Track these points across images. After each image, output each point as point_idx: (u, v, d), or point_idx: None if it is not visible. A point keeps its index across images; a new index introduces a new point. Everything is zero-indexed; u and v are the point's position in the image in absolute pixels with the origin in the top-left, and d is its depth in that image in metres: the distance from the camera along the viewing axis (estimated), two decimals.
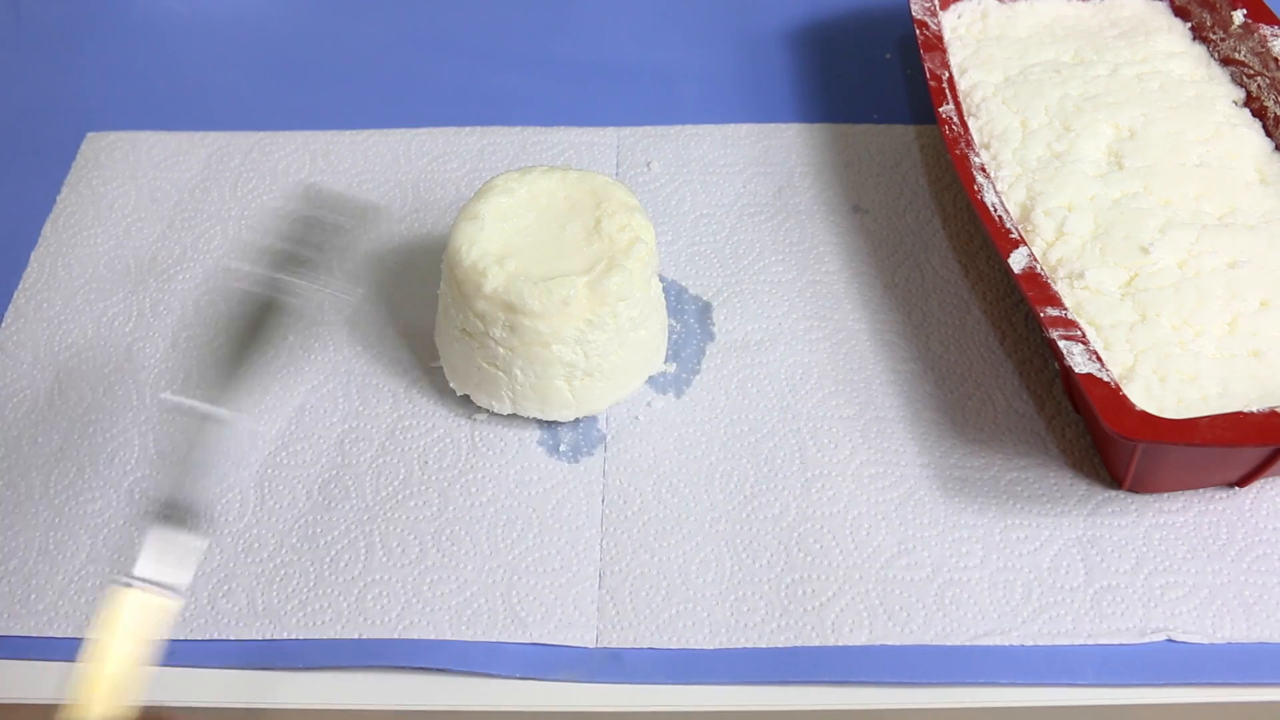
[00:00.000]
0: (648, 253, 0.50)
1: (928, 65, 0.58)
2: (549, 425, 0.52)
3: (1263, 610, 0.46)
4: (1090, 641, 0.45)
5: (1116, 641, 0.45)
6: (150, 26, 0.73)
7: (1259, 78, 0.59)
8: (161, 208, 0.62)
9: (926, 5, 0.61)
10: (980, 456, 0.51)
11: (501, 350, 0.49)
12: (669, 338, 0.55)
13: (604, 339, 0.49)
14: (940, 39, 0.60)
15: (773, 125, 0.66)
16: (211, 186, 0.63)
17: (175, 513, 0.39)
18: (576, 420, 0.52)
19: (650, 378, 0.54)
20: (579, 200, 0.51)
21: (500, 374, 0.50)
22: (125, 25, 0.74)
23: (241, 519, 0.49)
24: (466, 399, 0.53)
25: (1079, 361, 0.45)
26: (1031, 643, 0.45)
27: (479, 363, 0.50)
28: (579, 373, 0.49)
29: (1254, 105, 0.59)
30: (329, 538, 0.49)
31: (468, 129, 0.65)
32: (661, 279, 0.58)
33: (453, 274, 0.49)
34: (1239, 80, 0.60)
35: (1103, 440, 0.49)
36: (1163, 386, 0.47)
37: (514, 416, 0.52)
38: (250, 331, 0.43)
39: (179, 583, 0.38)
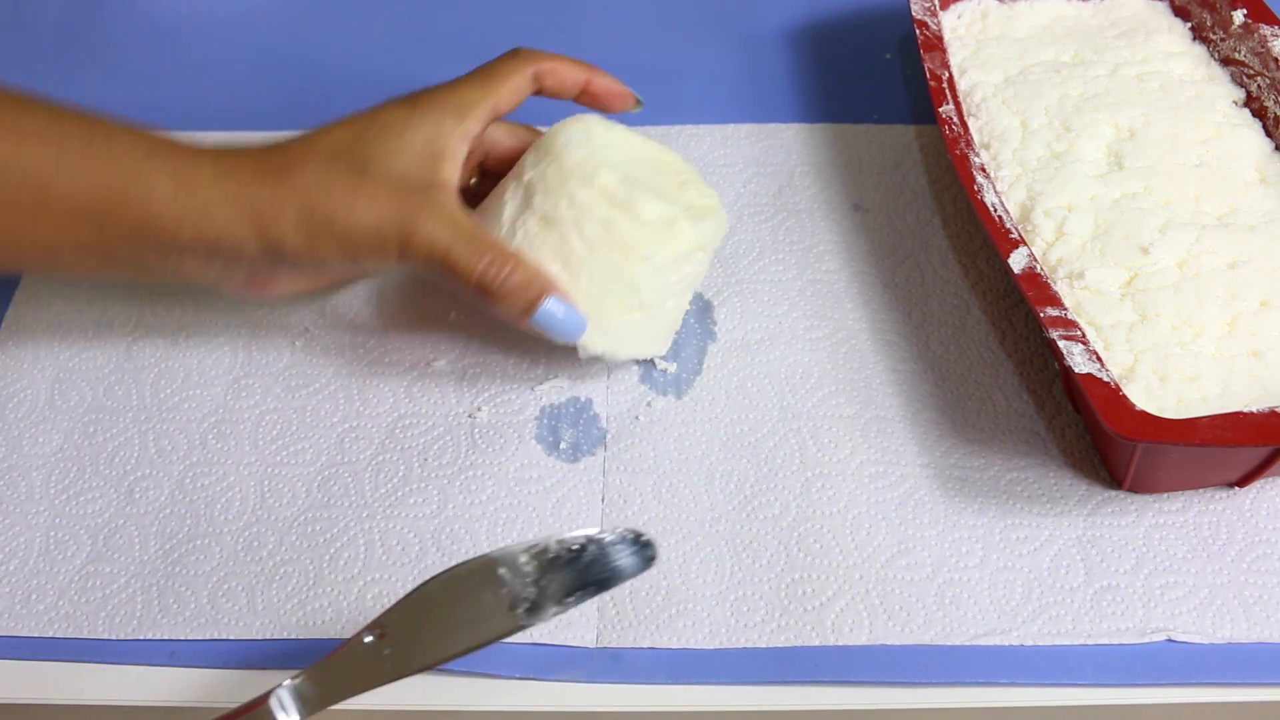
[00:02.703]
0: (720, 227, 0.52)
1: (927, 65, 0.58)
2: (549, 424, 0.52)
3: (1263, 610, 0.46)
4: (1090, 641, 0.45)
5: (1116, 641, 0.45)
6: (151, 27, 0.73)
7: (1259, 78, 0.59)
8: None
9: (926, 5, 0.61)
10: (980, 456, 0.51)
11: (580, 249, 0.48)
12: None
13: (671, 281, 0.50)
14: (940, 39, 0.60)
15: (773, 125, 0.66)
16: None
17: None
18: (578, 419, 0.52)
19: (651, 378, 0.54)
20: (661, 164, 0.52)
21: (564, 273, 0.48)
22: (126, 25, 0.74)
23: (241, 517, 0.49)
24: (467, 397, 0.53)
25: (1079, 361, 0.45)
26: (1031, 642, 0.45)
27: (547, 257, 0.48)
28: (634, 303, 0.49)
29: (1254, 105, 0.59)
30: (329, 535, 0.49)
31: None
32: None
33: (559, 156, 0.49)
34: (1239, 80, 0.60)
35: (1103, 440, 0.49)
36: (1163, 386, 0.47)
37: (515, 409, 0.52)
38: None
39: None
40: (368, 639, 0.41)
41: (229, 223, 0.45)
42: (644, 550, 0.42)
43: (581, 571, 0.41)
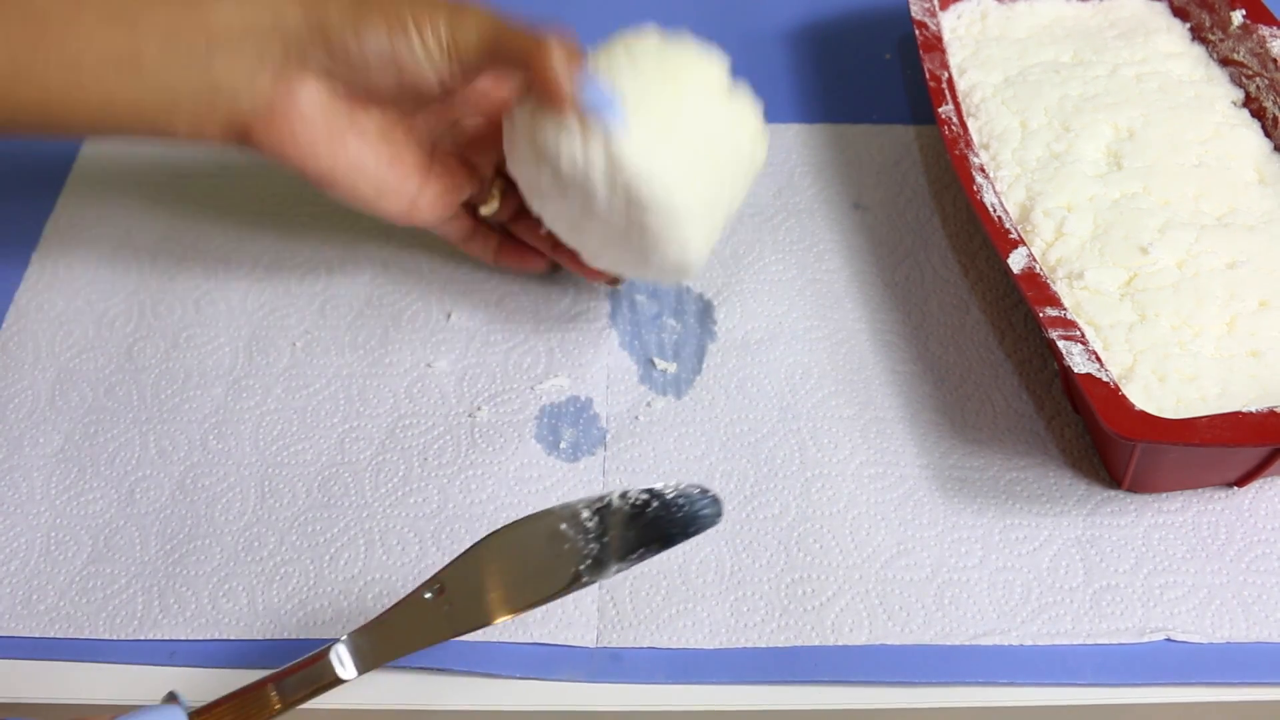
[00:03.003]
0: (760, 144, 0.50)
1: (927, 65, 0.58)
2: (549, 424, 0.52)
3: (1261, 610, 0.46)
4: (1089, 641, 0.45)
5: (1116, 641, 0.45)
6: None
7: (1258, 78, 0.59)
8: (163, 208, 0.62)
9: (926, 6, 0.61)
10: (980, 456, 0.51)
11: (623, 62, 0.47)
12: (669, 337, 0.55)
13: (717, 139, 0.48)
14: (940, 39, 0.60)
15: (773, 125, 0.65)
16: (213, 186, 0.63)
17: None
18: (578, 418, 0.52)
19: (651, 378, 0.54)
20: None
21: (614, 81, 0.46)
22: None
23: (242, 517, 0.49)
24: (467, 397, 0.53)
25: (1078, 361, 0.45)
26: (1031, 642, 0.45)
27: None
28: (680, 125, 0.47)
29: (1253, 106, 0.59)
30: (329, 535, 0.49)
31: None
32: None
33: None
34: (1238, 81, 0.60)
35: (1102, 440, 0.49)
36: (1162, 386, 0.47)
37: (515, 409, 0.52)
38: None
39: None
40: (427, 595, 0.40)
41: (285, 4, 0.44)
42: (711, 505, 0.41)
43: (645, 528, 0.40)
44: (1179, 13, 0.65)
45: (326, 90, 0.47)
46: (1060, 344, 0.46)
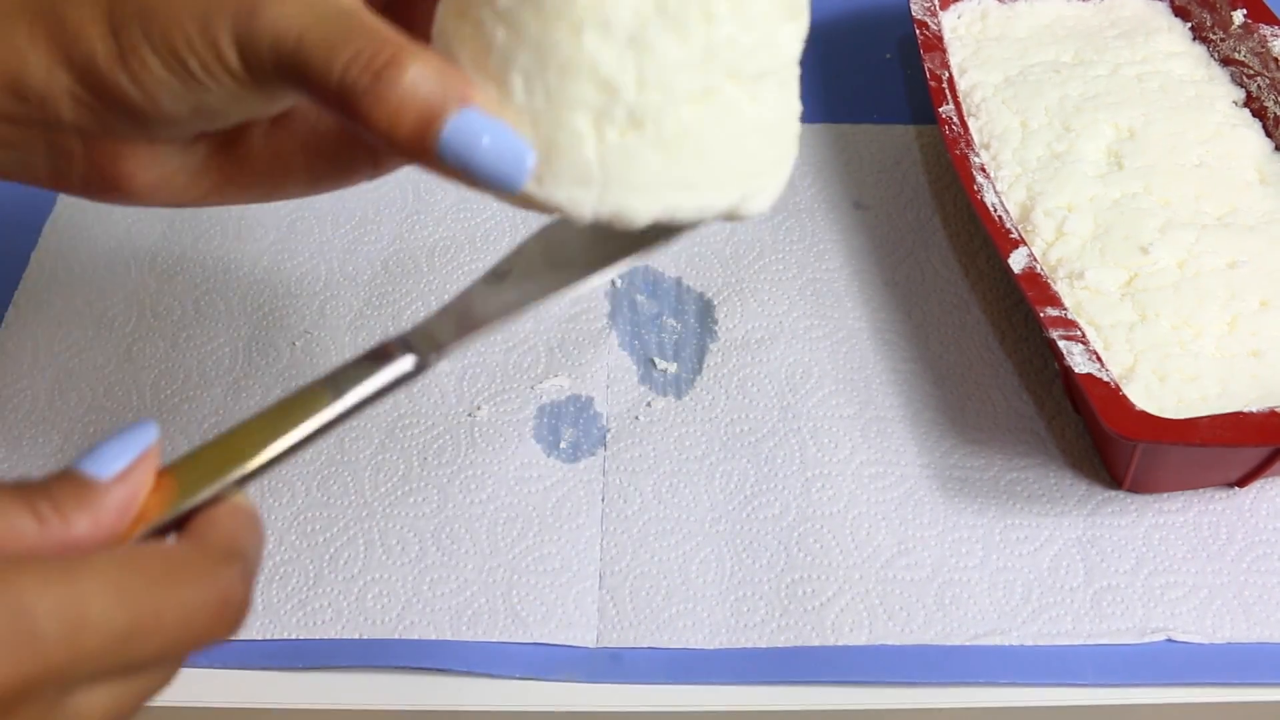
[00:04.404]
0: None
1: (928, 65, 0.58)
2: (549, 424, 0.52)
3: (1262, 610, 0.46)
4: (1090, 641, 0.45)
5: (1116, 641, 0.45)
6: None
7: (1259, 78, 0.59)
8: (162, 208, 0.62)
9: (926, 5, 0.61)
10: (980, 456, 0.51)
11: (501, 32, 0.29)
12: (669, 337, 0.55)
13: (677, 54, 0.29)
14: (940, 39, 0.60)
15: None
16: None
17: None
18: (578, 418, 0.52)
19: (651, 378, 0.54)
20: None
21: (491, 87, 0.30)
22: None
23: None
24: (466, 396, 0.53)
25: (1079, 361, 0.45)
26: (1031, 642, 0.45)
27: (467, 67, 0.30)
28: (618, 109, 0.29)
29: (1254, 105, 0.59)
30: (328, 535, 0.49)
31: None
32: (663, 278, 0.58)
33: None
34: (1239, 80, 0.60)
35: (1102, 440, 0.49)
36: (1162, 386, 0.47)
37: (514, 408, 0.52)
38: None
39: None
40: (488, 280, 0.34)
41: (28, 39, 0.31)
42: None
43: None
44: (1180, 12, 0.65)
45: (154, 144, 0.34)
46: (1061, 344, 0.46)
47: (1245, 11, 0.60)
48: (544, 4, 0.28)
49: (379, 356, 0.32)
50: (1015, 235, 0.50)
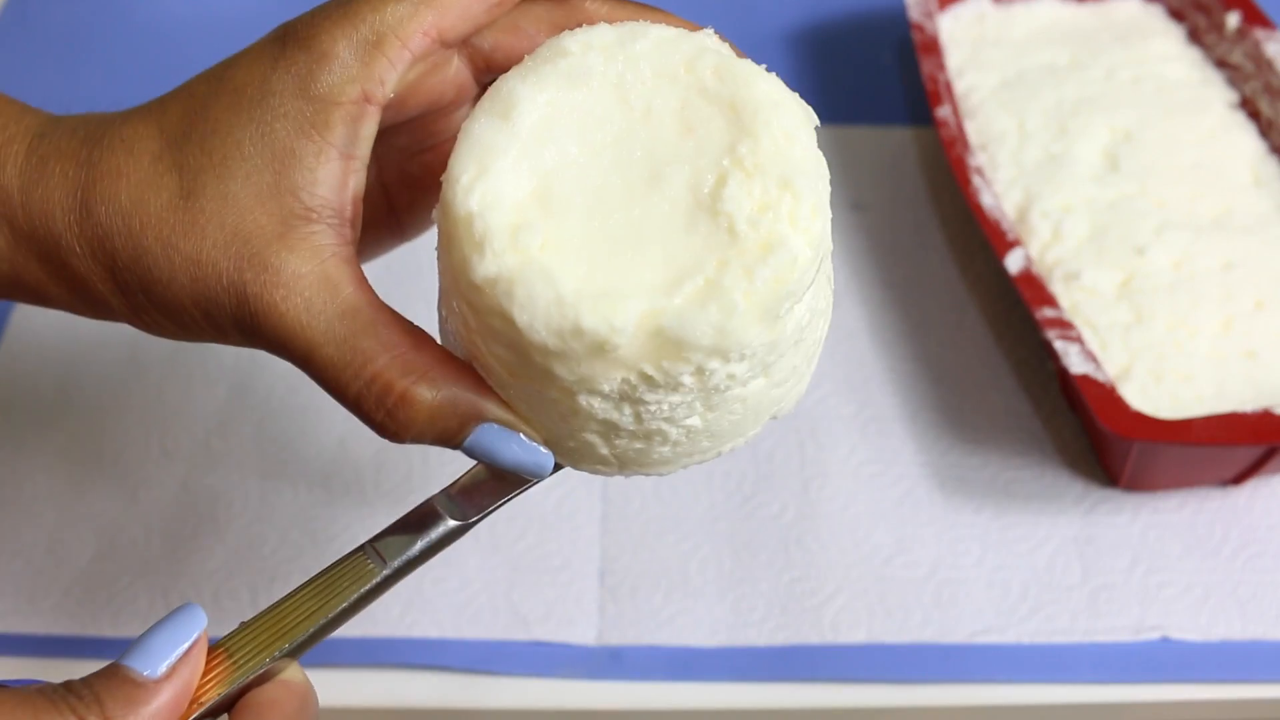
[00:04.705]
0: (794, 274, 0.27)
1: (925, 67, 0.59)
2: None
3: (1257, 608, 0.46)
4: (1086, 639, 0.45)
5: (1112, 639, 0.45)
6: (154, 29, 0.74)
7: (1253, 80, 0.60)
8: None
9: (924, 8, 0.62)
10: (977, 456, 0.51)
11: (499, 371, 0.29)
12: None
13: (675, 402, 0.29)
14: (937, 41, 0.60)
15: None
16: None
17: None
18: None
19: None
20: (705, 117, 0.29)
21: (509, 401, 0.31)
22: (129, 28, 0.74)
23: (244, 516, 0.50)
24: None
25: (1075, 362, 0.46)
26: (1028, 640, 0.46)
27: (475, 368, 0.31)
28: (623, 436, 0.30)
29: (1248, 108, 0.60)
30: (330, 534, 0.49)
31: None
32: None
33: (444, 226, 0.29)
34: (1234, 83, 0.61)
35: (1099, 440, 0.50)
36: (1158, 386, 0.48)
37: None
38: None
39: None
40: None
41: (40, 271, 0.31)
42: None
43: None
44: (1175, 15, 0.65)
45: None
46: (1057, 344, 0.46)
47: (1240, 15, 0.61)
48: (533, 369, 0.28)
49: (422, 521, 0.32)
50: (1012, 236, 0.51)
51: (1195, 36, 0.64)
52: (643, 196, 0.28)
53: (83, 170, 0.30)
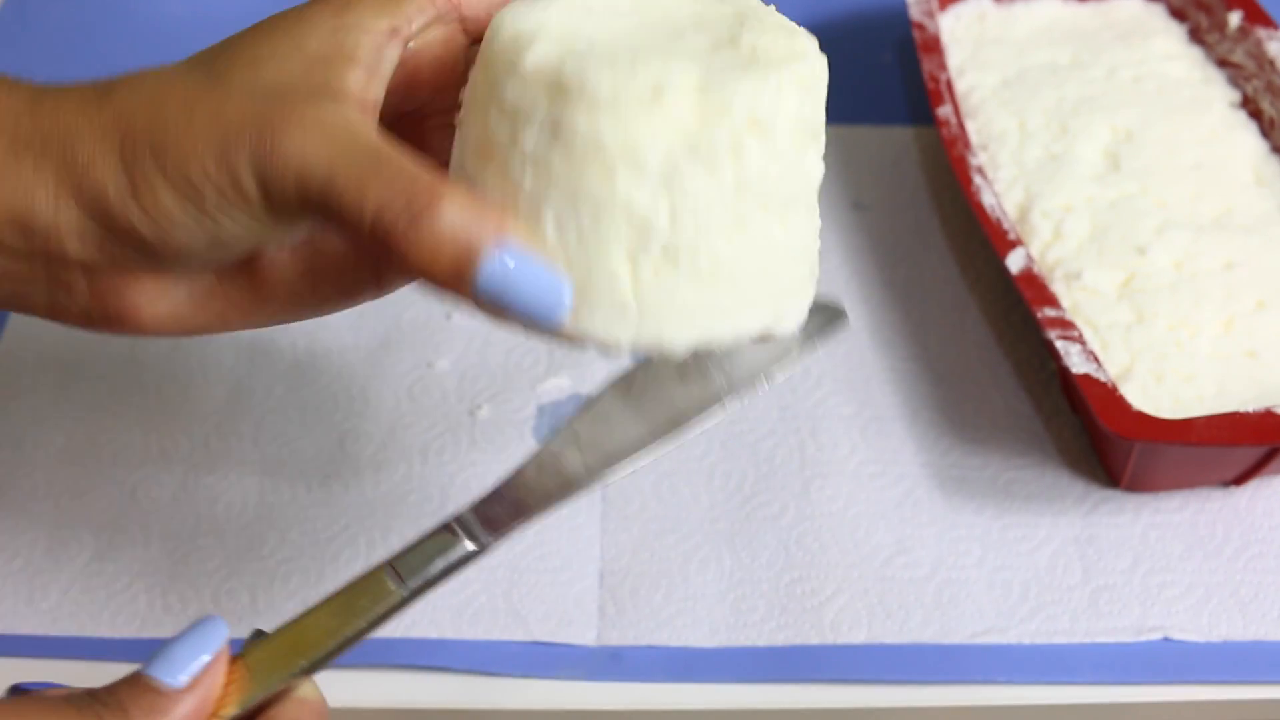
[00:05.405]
0: (813, 81, 0.32)
1: (926, 67, 0.58)
2: (550, 423, 0.52)
3: (1258, 608, 0.46)
4: (1087, 640, 0.45)
5: (1113, 640, 0.45)
6: (153, 29, 0.74)
7: (1255, 80, 0.59)
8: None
9: (924, 7, 0.62)
10: (978, 456, 0.51)
11: (531, 176, 0.30)
12: None
13: (709, 190, 0.30)
14: (938, 40, 0.60)
15: None
16: None
17: None
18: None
19: None
20: (712, 18, 0.32)
21: (522, 224, 0.30)
22: (128, 27, 0.74)
23: (243, 516, 0.50)
24: (467, 396, 0.53)
25: (1076, 362, 0.46)
26: (1029, 641, 0.45)
27: (492, 186, 0.31)
28: (653, 246, 0.30)
29: (1250, 107, 0.60)
30: (330, 534, 0.49)
31: None
32: None
33: (485, 52, 0.31)
34: (1235, 82, 0.61)
35: (1100, 440, 0.50)
36: (1159, 386, 0.48)
37: (515, 407, 0.52)
38: None
39: None
40: (552, 446, 0.36)
41: (34, 172, 0.30)
42: (830, 312, 0.38)
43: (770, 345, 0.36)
44: (1176, 14, 0.65)
45: (164, 278, 0.33)
46: (1058, 344, 0.46)
47: (1242, 14, 0.60)
48: (574, 148, 0.29)
49: (440, 541, 0.34)
50: (1013, 236, 0.50)
51: (1197, 35, 0.64)
52: (668, 44, 0.30)
53: (103, 90, 0.31)
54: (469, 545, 0.33)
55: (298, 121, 0.29)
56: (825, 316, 0.38)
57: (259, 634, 0.33)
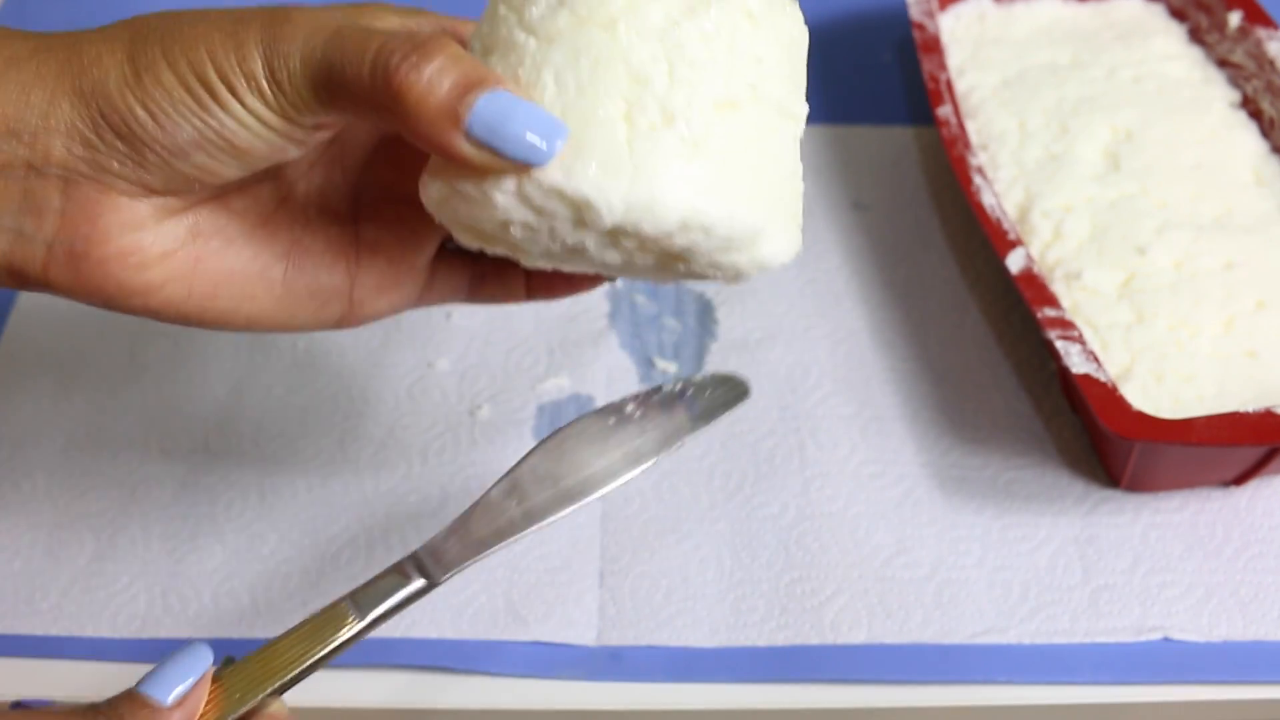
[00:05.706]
0: (799, 32, 0.34)
1: (926, 67, 0.58)
2: (550, 423, 0.52)
3: (1258, 608, 0.46)
4: (1087, 640, 0.45)
5: (1113, 640, 0.45)
6: None
7: (1255, 79, 0.59)
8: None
9: (924, 7, 0.62)
10: (978, 456, 0.51)
11: (532, 42, 0.31)
12: (669, 337, 0.55)
13: (703, 54, 0.31)
14: (938, 41, 0.60)
15: None
16: None
17: None
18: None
19: (650, 378, 0.54)
20: None
21: (524, 86, 0.31)
22: None
23: (243, 516, 0.50)
24: (467, 396, 0.53)
25: (1076, 362, 0.46)
26: (1029, 641, 0.45)
27: (495, 69, 0.31)
28: (649, 102, 0.30)
29: (1250, 107, 0.60)
30: (330, 534, 0.49)
31: None
32: None
33: None
34: (1235, 82, 0.61)
35: (1100, 440, 0.50)
36: (1159, 386, 0.48)
37: (515, 407, 0.52)
38: None
39: None
40: (494, 495, 0.39)
41: (34, 75, 0.31)
42: (736, 387, 0.42)
43: (683, 411, 0.41)
44: (1176, 14, 0.65)
45: (145, 199, 0.32)
46: (1058, 344, 0.46)
47: (1242, 14, 0.60)
48: (578, 6, 0.30)
49: (395, 578, 0.37)
50: (1013, 236, 0.50)
51: (1196, 35, 0.64)
52: None
53: (110, 27, 0.32)
54: (420, 582, 0.37)
55: (310, 14, 0.31)
56: (729, 389, 0.42)
57: (230, 660, 0.36)
